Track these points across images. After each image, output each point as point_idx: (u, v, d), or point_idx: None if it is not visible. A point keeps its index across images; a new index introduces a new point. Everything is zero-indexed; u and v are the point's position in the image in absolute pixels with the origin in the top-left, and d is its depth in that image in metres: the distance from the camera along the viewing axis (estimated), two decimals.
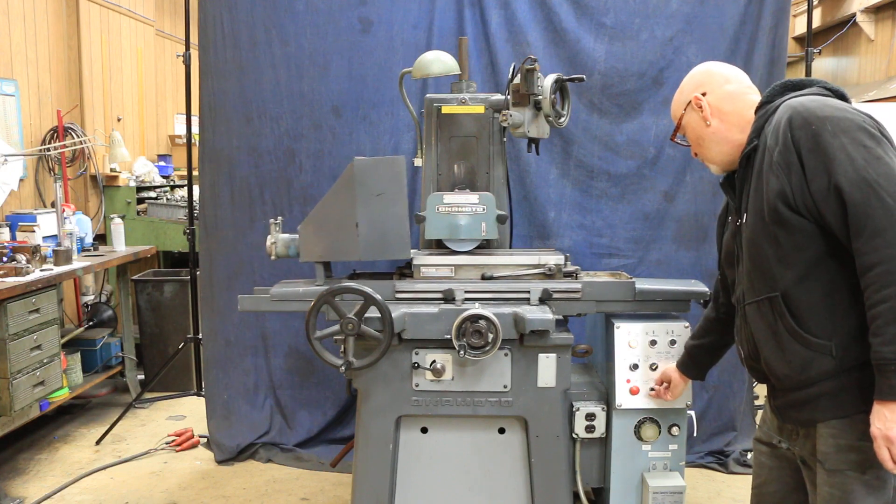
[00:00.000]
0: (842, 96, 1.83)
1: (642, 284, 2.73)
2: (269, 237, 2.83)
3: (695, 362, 2.44)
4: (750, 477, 2.14)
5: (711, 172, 3.69)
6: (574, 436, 2.74)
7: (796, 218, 1.73)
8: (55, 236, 4.43)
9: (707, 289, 2.74)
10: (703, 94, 2.00)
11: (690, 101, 2.02)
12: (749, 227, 1.86)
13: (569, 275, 2.78)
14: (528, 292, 2.66)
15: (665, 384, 2.59)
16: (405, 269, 2.87)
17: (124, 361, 5.00)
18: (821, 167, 1.67)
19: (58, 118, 5.29)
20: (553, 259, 2.77)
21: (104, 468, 3.92)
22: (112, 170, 5.85)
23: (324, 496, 3.61)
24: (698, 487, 3.64)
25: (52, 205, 4.64)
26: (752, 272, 1.87)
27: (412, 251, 2.83)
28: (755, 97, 1.97)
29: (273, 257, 2.84)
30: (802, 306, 1.77)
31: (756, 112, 1.91)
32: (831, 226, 1.69)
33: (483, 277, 2.74)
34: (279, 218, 2.89)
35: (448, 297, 2.65)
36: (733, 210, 1.99)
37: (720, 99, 1.98)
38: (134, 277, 5.27)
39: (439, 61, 3.01)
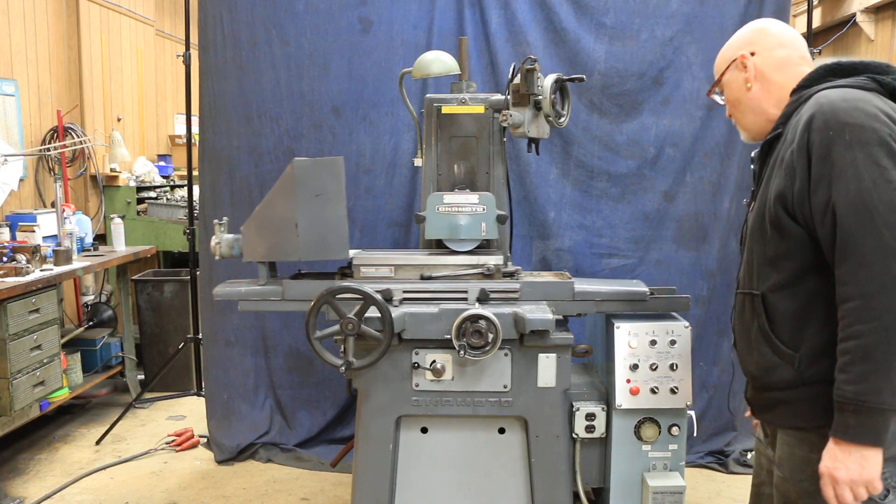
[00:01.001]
0: (893, 91, 1.65)
1: (581, 285, 2.72)
2: (213, 238, 2.82)
3: None
4: (750, 477, 2.14)
5: (711, 172, 3.78)
6: (574, 436, 2.73)
7: (792, 224, 1.65)
8: (55, 236, 4.43)
9: (646, 288, 2.73)
10: (752, 54, 1.83)
11: (736, 59, 1.85)
12: (752, 218, 1.80)
13: (508, 275, 2.77)
14: (466, 292, 2.65)
15: None
16: (346, 269, 2.88)
17: (124, 361, 5.00)
18: (826, 179, 1.56)
19: (58, 118, 5.29)
20: (493, 260, 2.77)
21: (104, 468, 3.92)
22: (112, 170, 5.84)
23: (324, 496, 3.61)
24: (698, 487, 3.64)
25: (52, 205, 4.64)
26: (747, 264, 1.83)
27: (352, 251, 2.84)
28: (805, 69, 1.79)
29: (217, 257, 2.83)
30: (778, 312, 1.71)
31: (791, 94, 1.75)
32: (821, 241, 1.60)
33: (422, 277, 2.74)
34: (224, 218, 2.88)
35: (386, 297, 2.64)
36: (751, 193, 1.88)
37: (767, 63, 1.81)
38: (134, 277, 5.27)
39: (439, 61, 3.01)
